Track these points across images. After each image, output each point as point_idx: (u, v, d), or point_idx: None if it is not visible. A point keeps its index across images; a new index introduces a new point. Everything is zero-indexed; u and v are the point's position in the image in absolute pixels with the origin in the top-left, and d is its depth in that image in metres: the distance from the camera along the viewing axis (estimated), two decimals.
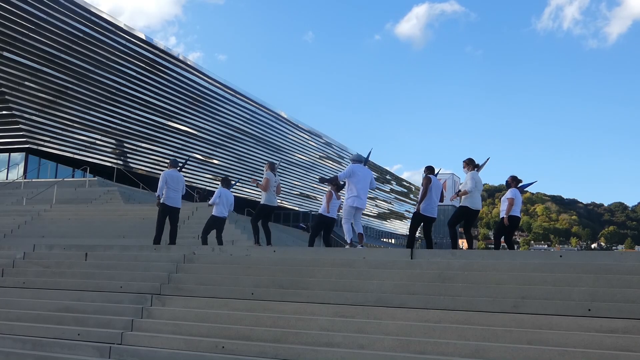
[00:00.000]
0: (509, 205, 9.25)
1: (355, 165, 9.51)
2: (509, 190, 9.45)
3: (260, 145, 49.13)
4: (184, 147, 40.59)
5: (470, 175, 8.99)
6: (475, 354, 5.42)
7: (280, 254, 8.36)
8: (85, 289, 7.85)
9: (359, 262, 7.41)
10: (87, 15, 31.00)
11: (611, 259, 6.85)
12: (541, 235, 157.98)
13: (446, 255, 7.35)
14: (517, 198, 9.40)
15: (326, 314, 6.42)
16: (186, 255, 8.55)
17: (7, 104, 29.25)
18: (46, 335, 6.87)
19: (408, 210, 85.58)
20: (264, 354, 5.95)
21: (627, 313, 5.59)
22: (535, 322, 5.69)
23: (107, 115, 34.26)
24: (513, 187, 9.47)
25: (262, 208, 10.25)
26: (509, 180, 9.59)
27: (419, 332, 5.87)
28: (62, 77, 30.68)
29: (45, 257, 9.12)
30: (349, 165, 9.59)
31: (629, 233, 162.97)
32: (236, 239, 13.62)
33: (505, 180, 9.81)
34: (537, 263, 6.73)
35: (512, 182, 9.54)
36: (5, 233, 15.48)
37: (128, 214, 16.88)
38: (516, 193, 9.41)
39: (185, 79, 39.12)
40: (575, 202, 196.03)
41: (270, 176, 10.19)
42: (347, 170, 9.43)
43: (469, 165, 9.15)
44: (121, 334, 6.59)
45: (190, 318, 6.79)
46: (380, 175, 76.58)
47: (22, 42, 28.12)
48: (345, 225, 9.38)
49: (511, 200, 9.25)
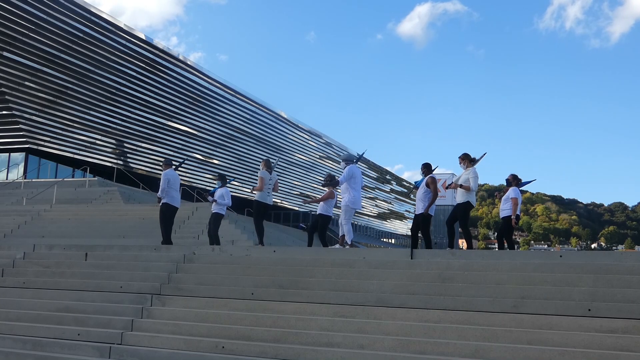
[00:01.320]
0: (514, 205, 9.20)
1: (351, 166, 9.48)
2: (511, 189, 9.39)
3: (260, 145, 49.11)
4: (184, 147, 40.58)
5: (474, 173, 8.97)
6: (475, 354, 5.42)
7: (280, 254, 8.36)
8: (85, 289, 7.85)
9: (359, 262, 7.41)
10: (87, 15, 30.99)
11: (611, 259, 6.85)
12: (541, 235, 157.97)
13: (446, 255, 7.36)
14: (520, 197, 9.41)
15: (326, 314, 6.42)
16: (186, 255, 8.55)
17: (7, 104, 29.25)
18: (46, 335, 6.87)
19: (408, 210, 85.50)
20: (264, 354, 5.95)
21: (627, 313, 5.59)
22: (535, 322, 5.70)
23: (107, 115, 34.25)
24: (514, 186, 9.45)
25: (258, 206, 10.07)
26: (510, 178, 9.56)
27: (419, 332, 5.87)
28: (62, 77, 30.67)
29: (45, 257, 9.13)
30: (346, 168, 9.49)
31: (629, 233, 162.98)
32: (236, 239, 13.62)
33: (505, 179, 9.80)
34: (537, 263, 6.74)
35: (513, 180, 9.51)
36: (5, 233, 15.48)
37: (128, 214, 16.88)
38: (519, 192, 9.40)
39: (185, 79, 39.10)
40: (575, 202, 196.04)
41: (265, 175, 10.04)
42: (347, 173, 9.37)
43: (465, 160, 9.13)
44: (121, 334, 6.59)
45: (190, 318, 6.79)
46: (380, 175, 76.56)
47: (22, 42, 28.11)
48: (346, 225, 9.39)
49: (515, 200, 9.22)
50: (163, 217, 10.24)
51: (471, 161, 9.14)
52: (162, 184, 10.15)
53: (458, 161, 9.28)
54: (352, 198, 9.31)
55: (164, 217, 10.24)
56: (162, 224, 10.24)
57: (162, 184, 10.16)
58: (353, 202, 9.32)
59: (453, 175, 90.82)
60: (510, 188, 9.43)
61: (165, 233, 10.19)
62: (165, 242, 10.11)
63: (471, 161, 9.14)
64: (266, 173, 10.08)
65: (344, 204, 9.41)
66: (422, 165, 9.50)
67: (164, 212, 10.23)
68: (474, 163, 9.15)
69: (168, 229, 10.26)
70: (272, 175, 10.20)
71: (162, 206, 10.21)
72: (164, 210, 10.22)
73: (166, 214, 10.25)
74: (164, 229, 10.22)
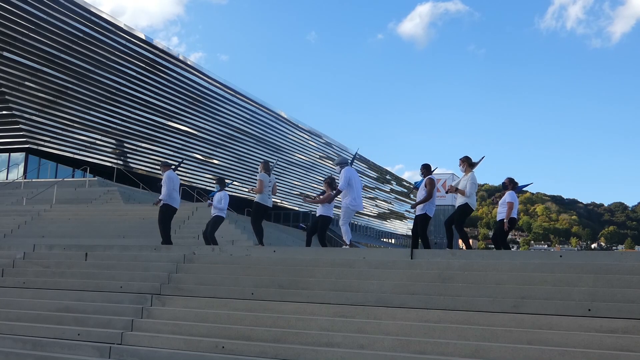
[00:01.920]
0: (509, 209, 9.25)
1: (347, 169, 9.45)
2: (508, 193, 9.43)
3: (260, 145, 49.10)
4: (184, 147, 40.58)
5: (472, 178, 9.01)
6: (475, 354, 5.42)
7: (280, 254, 8.36)
8: (85, 289, 7.85)
9: (359, 262, 7.41)
10: (87, 15, 31.00)
11: (611, 259, 6.85)
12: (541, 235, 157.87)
13: (446, 255, 7.36)
14: (516, 201, 9.44)
15: (326, 314, 6.42)
16: (186, 255, 8.55)
17: (7, 104, 29.25)
18: (46, 335, 6.87)
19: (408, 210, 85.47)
20: (264, 354, 5.95)
21: (627, 313, 5.59)
22: (535, 322, 5.70)
23: (107, 115, 34.25)
24: (510, 190, 9.48)
25: (257, 208, 10.06)
26: (506, 182, 9.60)
27: (419, 332, 5.87)
28: (62, 77, 30.67)
29: (45, 257, 9.13)
30: (342, 172, 9.41)
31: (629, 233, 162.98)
32: (236, 239, 13.62)
33: (502, 182, 9.84)
34: (537, 263, 6.73)
35: (510, 184, 9.55)
36: (5, 233, 15.49)
37: (128, 214, 16.89)
38: (515, 196, 9.43)
39: (185, 79, 39.11)
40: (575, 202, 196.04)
41: (264, 177, 10.02)
42: (345, 178, 9.30)
43: (464, 163, 9.19)
44: (121, 334, 6.59)
45: (190, 318, 6.79)
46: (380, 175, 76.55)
47: (22, 42, 28.12)
48: (343, 226, 9.42)
49: (511, 205, 9.25)
50: (163, 217, 10.26)
51: (470, 165, 9.18)
52: (167, 187, 10.06)
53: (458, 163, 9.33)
54: (352, 200, 9.31)
55: (163, 218, 10.26)
56: (162, 224, 10.25)
57: (166, 187, 10.06)
58: (354, 204, 9.32)
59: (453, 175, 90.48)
60: (507, 192, 9.46)
61: (165, 233, 10.20)
62: (165, 242, 10.12)
63: (470, 165, 9.18)
64: (265, 175, 10.05)
65: (344, 206, 9.37)
66: (421, 166, 9.51)
67: (164, 213, 10.24)
68: (473, 167, 9.20)
69: (167, 230, 10.28)
70: (271, 177, 10.20)
71: (162, 207, 10.22)
72: (164, 211, 10.23)
73: (166, 214, 10.27)
74: (163, 229, 10.23)
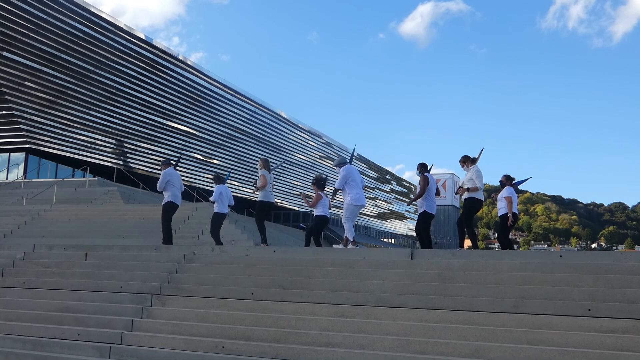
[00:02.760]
0: (509, 204, 9.28)
1: (347, 167, 9.45)
2: (505, 189, 9.50)
3: (260, 145, 49.10)
4: (184, 147, 40.58)
5: (475, 171, 9.04)
6: (475, 354, 5.42)
7: (280, 254, 8.36)
8: (85, 289, 7.85)
9: (359, 262, 7.41)
10: (87, 15, 31.00)
11: (611, 259, 6.85)
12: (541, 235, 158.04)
13: (446, 255, 7.36)
14: (514, 196, 9.47)
15: (326, 314, 6.42)
16: (186, 255, 8.55)
17: (7, 104, 29.25)
18: (46, 335, 6.87)
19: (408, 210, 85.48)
20: (264, 354, 5.95)
21: (627, 313, 5.59)
22: (535, 322, 5.69)
23: (107, 115, 34.25)
24: (508, 186, 9.53)
25: (262, 206, 10.13)
26: (503, 179, 9.68)
27: (419, 332, 5.87)
28: (62, 77, 30.67)
29: (45, 257, 9.12)
30: (341, 171, 9.42)
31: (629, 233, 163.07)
32: (236, 239, 13.61)
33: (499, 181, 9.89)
34: (537, 263, 6.73)
35: (506, 181, 9.63)
36: (5, 233, 15.48)
37: (128, 214, 16.88)
38: (512, 191, 9.47)
39: (185, 79, 39.11)
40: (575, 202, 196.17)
41: (266, 173, 10.10)
42: (343, 176, 9.30)
43: (466, 162, 9.24)
44: (121, 334, 6.59)
45: (190, 318, 6.79)
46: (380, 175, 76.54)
47: (22, 42, 28.12)
48: (346, 223, 9.37)
49: (509, 198, 9.29)
50: (166, 214, 10.24)
51: (472, 161, 9.22)
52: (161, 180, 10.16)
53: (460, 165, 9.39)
54: (355, 196, 9.25)
55: (167, 215, 10.25)
56: (166, 222, 10.23)
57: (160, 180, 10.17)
58: (357, 199, 9.25)
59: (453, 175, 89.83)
60: (504, 188, 9.51)
61: (167, 232, 10.18)
62: (166, 241, 10.11)
63: (472, 161, 9.22)
64: (267, 172, 10.13)
65: (346, 203, 9.30)
66: (418, 165, 9.56)
67: (167, 210, 10.24)
68: (474, 162, 9.24)
69: (169, 227, 10.25)
70: (270, 175, 10.28)
71: (165, 204, 10.22)
72: (167, 209, 10.23)
73: (169, 211, 10.27)
74: (166, 227, 10.21)
